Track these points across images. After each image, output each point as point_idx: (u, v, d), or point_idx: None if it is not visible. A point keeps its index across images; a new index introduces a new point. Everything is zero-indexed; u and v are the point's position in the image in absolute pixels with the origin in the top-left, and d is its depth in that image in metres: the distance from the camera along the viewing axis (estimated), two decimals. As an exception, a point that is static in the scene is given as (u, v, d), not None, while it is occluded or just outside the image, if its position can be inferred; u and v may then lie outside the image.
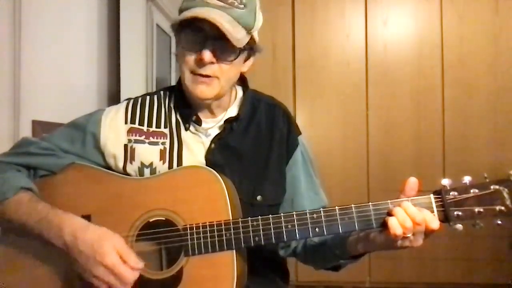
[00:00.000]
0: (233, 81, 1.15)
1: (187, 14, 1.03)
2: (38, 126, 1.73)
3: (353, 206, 0.96)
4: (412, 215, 0.91)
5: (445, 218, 0.93)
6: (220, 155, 1.14)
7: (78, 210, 1.07)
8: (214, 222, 1.00)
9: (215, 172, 1.04)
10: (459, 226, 0.92)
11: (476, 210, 0.91)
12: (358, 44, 3.37)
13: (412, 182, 0.96)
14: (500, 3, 3.23)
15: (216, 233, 1.00)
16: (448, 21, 3.29)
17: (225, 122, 1.17)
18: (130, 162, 1.14)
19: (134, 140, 1.15)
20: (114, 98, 2.35)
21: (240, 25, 1.05)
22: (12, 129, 1.62)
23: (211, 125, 1.17)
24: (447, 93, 3.29)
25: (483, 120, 3.24)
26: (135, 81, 2.59)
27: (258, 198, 1.14)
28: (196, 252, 1.00)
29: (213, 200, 1.02)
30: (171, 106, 1.20)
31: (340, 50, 3.39)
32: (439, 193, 0.94)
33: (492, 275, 3.10)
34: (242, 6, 1.05)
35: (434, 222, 0.92)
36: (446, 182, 0.93)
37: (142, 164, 1.13)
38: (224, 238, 0.99)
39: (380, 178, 3.27)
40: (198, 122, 1.16)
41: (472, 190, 0.92)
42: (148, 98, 1.21)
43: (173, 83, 1.22)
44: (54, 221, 1.01)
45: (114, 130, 1.16)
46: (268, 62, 3.37)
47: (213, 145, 1.15)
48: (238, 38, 1.04)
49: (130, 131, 1.16)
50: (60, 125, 1.22)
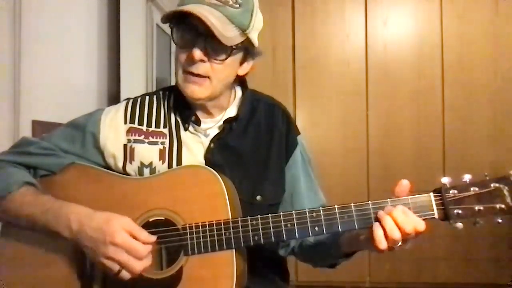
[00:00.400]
0: (226, 82, 1.12)
1: (177, 9, 1.03)
2: (38, 126, 1.73)
3: (352, 204, 0.96)
4: (402, 225, 0.90)
5: (445, 216, 0.93)
6: (219, 155, 1.13)
7: (78, 210, 1.08)
8: (214, 222, 1.00)
9: (215, 171, 1.03)
10: (459, 225, 0.92)
11: (476, 208, 0.91)
12: (358, 44, 3.38)
13: (404, 185, 0.96)
14: (500, 3, 3.23)
15: (215, 232, 1.00)
16: (448, 21, 3.29)
17: (224, 122, 1.16)
18: (130, 162, 1.14)
19: (134, 140, 1.15)
20: (114, 98, 2.35)
21: (232, 24, 1.03)
22: (12, 129, 1.62)
23: (210, 125, 1.17)
24: (447, 93, 3.29)
25: (483, 120, 3.24)
26: (135, 81, 2.59)
27: (258, 198, 1.14)
28: (195, 251, 1.00)
29: (212, 199, 1.02)
30: (170, 106, 1.19)
31: (340, 50, 3.39)
32: (439, 191, 0.93)
33: (492, 275, 3.09)
34: (237, 5, 1.04)
35: (420, 225, 0.91)
36: (446, 180, 0.93)
37: (142, 164, 1.13)
38: (223, 237, 0.99)
39: (380, 178, 3.27)
40: (197, 122, 1.16)
41: (472, 188, 0.92)
42: (147, 98, 1.21)
43: (173, 83, 1.21)
44: (60, 211, 1.01)
45: (113, 130, 1.16)
46: (268, 62, 3.37)
47: (212, 145, 1.14)
48: (227, 36, 1.02)
49: (129, 131, 1.16)
50: (60, 125, 1.22)
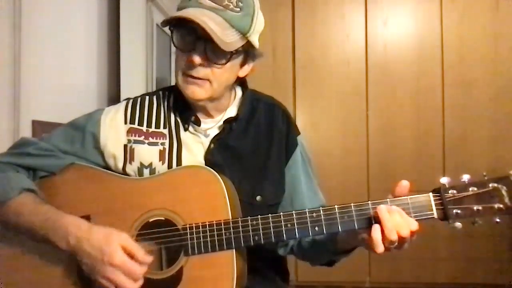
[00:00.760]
0: (226, 84, 1.12)
1: (177, 14, 1.02)
2: (38, 126, 1.73)
3: (352, 205, 0.96)
4: (398, 228, 0.91)
5: (444, 216, 0.93)
6: (219, 155, 1.13)
7: (78, 211, 1.07)
8: (214, 222, 1.00)
9: (215, 172, 1.03)
10: (458, 225, 0.92)
11: (475, 208, 0.91)
12: (358, 44, 3.38)
13: (403, 185, 0.96)
14: (500, 3, 3.23)
15: (215, 232, 1.00)
16: (448, 21, 3.29)
17: (224, 122, 1.16)
18: (130, 163, 1.14)
19: (134, 140, 1.15)
20: (114, 98, 2.35)
21: (233, 28, 1.02)
22: (12, 129, 1.62)
23: (210, 125, 1.17)
24: (447, 93, 3.29)
25: (483, 120, 3.24)
26: (135, 81, 2.59)
27: (258, 198, 1.13)
28: (196, 251, 1.00)
29: (212, 200, 1.02)
30: (170, 106, 1.19)
31: (340, 50, 3.39)
32: (438, 191, 0.94)
33: (492, 275, 3.09)
34: (238, 9, 1.03)
35: (413, 225, 0.92)
36: (445, 180, 0.93)
37: (142, 164, 1.13)
38: (223, 237, 0.99)
39: (380, 178, 3.27)
40: (197, 122, 1.15)
41: (471, 188, 0.92)
42: (147, 98, 1.21)
43: (173, 83, 1.21)
44: (58, 223, 1.01)
45: (114, 130, 1.16)
46: (268, 63, 3.37)
47: (212, 145, 1.14)
48: (227, 42, 1.01)
49: (129, 131, 1.16)
50: (60, 125, 1.22)
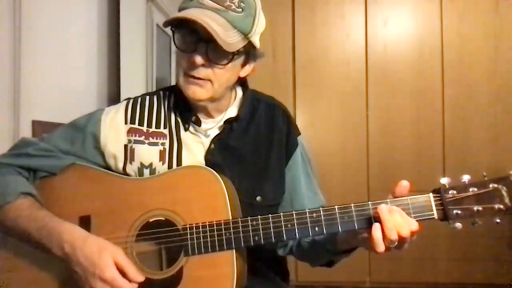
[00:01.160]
0: (227, 85, 1.12)
1: (179, 15, 1.02)
2: (38, 126, 1.73)
3: (352, 205, 0.96)
4: (399, 228, 0.91)
5: (444, 216, 0.93)
6: (219, 156, 1.13)
7: (78, 211, 1.08)
8: (214, 222, 1.00)
9: (215, 172, 1.03)
10: (458, 225, 0.92)
11: (475, 208, 0.91)
12: (358, 44, 3.38)
13: (403, 186, 0.96)
14: (500, 3, 3.23)
15: (216, 232, 1.00)
16: (448, 21, 3.29)
17: (225, 122, 1.16)
18: (130, 163, 1.14)
19: (134, 140, 1.15)
20: (114, 98, 2.35)
21: (234, 28, 1.03)
22: (12, 129, 1.62)
23: (211, 125, 1.17)
24: (447, 93, 3.29)
25: (483, 120, 3.24)
26: (135, 81, 2.59)
27: (258, 198, 1.14)
28: (196, 252, 1.00)
29: (212, 200, 1.02)
30: (171, 106, 1.19)
31: (340, 50, 3.39)
32: (438, 191, 0.94)
33: (492, 275, 3.09)
34: (240, 10, 1.03)
35: (413, 225, 0.92)
36: (445, 181, 0.93)
37: (142, 164, 1.13)
38: (223, 237, 0.99)
39: (380, 178, 3.27)
40: (198, 122, 1.15)
41: (471, 189, 0.92)
42: (147, 98, 1.21)
43: (173, 83, 1.21)
44: (54, 230, 1.01)
45: (114, 130, 1.16)
46: (268, 63, 3.37)
47: (212, 145, 1.14)
48: (229, 42, 1.01)
49: (130, 131, 1.16)
50: (60, 125, 1.22)
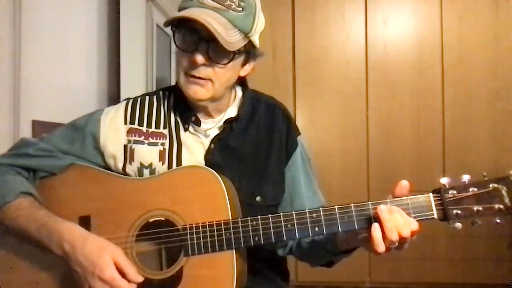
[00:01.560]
0: (228, 84, 1.12)
1: (180, 14, 1.02)
2: (38, 126, 1.73)
3: (352, 205, 0.96)
4: (399, 228, 0.90)
5: (444, 216, 0.93)
6: (219, 156, 1.13)
7: (78, 211, 1.08)
8: (214, 222, 1.00)
9: (215, 172, 1.03)
10: (458, 225, 0.92)
11: (475, 208, 0.91)
12: (358, 44, 3.38)
13: (403, 186, 0.96)
14: (500, 3, 3.23)
15: (216, 233, 1.00)
16: (448, 21, 3.29)
17: (224, 122, 1.16)
18: (130, 163, 1.14)
19: (134, 140, 1.15)
20: (114, 98, 2.34)
21: (235, 28, 1.03)
22: (12, 129, 1.62)
23: (211, 125, 1.17)
24: (447, 93, 3.29)
25: (483, 120, 3.24)
26: (135, 81, 2.59)
27: (258, 198, 1.14)
28: (196, 252, 1.00)
29: (212, 200, 1.02)
30: (170, 106, 1.19)
31: (340, 50, 3.39)
32: (438, 191, 0.94)
33: (492, 275, 3.10)
34: (240, 9, 1.03)
35: (414, 225, 0.92)
36: (445, 180, 0.93)
37: (142, 164, 1.13)
38: (223, 238, 0.99)
39: (380, 178, 3.27)
40: (197, 122, 1.15)
41: (471, 189, 0.92)
42: (147, 98, 1.21)
43: (173, 83, 1.21)
44: (54, 229, 1.01)
45: (113, 131, 1.16)
46: (268, 63, 3.37)
47: (212, 145, 1.14)
48: (230, 42, 1.02)
49: (129, 132, 1.16)
50: (60, 125, 1.22)
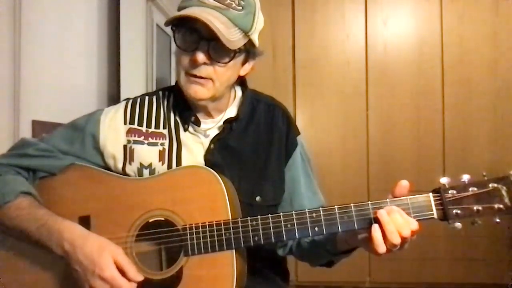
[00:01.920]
0: (228, 83, 1.12)
1: (181, 13, 1.02)
2: (38, 126, 1.73)
3: (352, 205, 0.96)
4: (400, 229, 0.90)
5: (444, 216, 0.93)
6: (219, 156, 1.13)
7: (78, 211, 1.08)
8: (214, 222, 1.00)
9: (215, 172, 1.03)
10: (458, 225, 0.92)
11: (474, 208, 0.91)
12: (358, 44, 3.38)
13: (403, 185, 0.96)
14: (500, 3, 3.23)
15: (215, 233, 1.00)
16: (448, 21, 3.29)
17: (224, 122, 1.16)
18: (129, 163, 1.14)
19: (133, 140, 1.15)
20: (114, 98, 2.34)
21: (236, 26, 1.03)
22: (12, 129, 1.62)
23: (210, 125, 1.17)
24: (447, 93, 3.29)
25: (483, 120, 3.24)
26: (135, 81, 2.59)
27: (257, 198, 1.14)
28: (195, 252, 1.00)
29: (212, 200, 1.02)
30: (170, 106, 1.19)
31: (340, 50, 3.39)
32: (438, 191, 0.93)
33: (492, 275, 3.09)
34: (240, 8, 1.04)
35: (414, 225, 0.91)
36: (444, 180, 0.93)
37: (141, 164, 1.13)
38: (223, 238, 0.99)
39: (380, 178, 3.27)
40: (197, 122, 1.15)
41: (470, 189, 0.92)
42: (147, 98, 1.21)
43: (173, 83, 1.21)
44: (54, 228, 1.01)
45: (113, 131, 1.16)
46: (268, 62, 3.37)
47: (212, 145, 1.14)
48: (231, 40, 1.02)
49: (129, 132, 1.16)
50: (60, 125, 1.22)
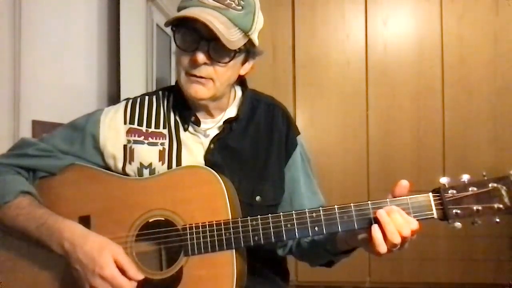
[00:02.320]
0: (229, 83, 1.12)
1: (181, 14, 1.02)
2: (38, 126, 1.73)
3: (352, 205, 0.96)
4: (400, 228, 0.90)
5: (444, 216, 0.93)
6: (219, 156, 1.13)
7: (78, 211, 1.08)
8: (214, 222, 1.00)
9: (215, 172, 1.03)
10: (458, 224, 0.92)
11: (474, 208, 0.91)
12: (358, 44, 3.38)
13: (403, 185, 0.96)
14: (500, 3, 3.24)
15: (215, 232, 1.00)
16: (448, 21, 3.29)
17: (224, 122, 1.16)
18: (129, 163, 1.14)
19: (133, 140, 1.15)
20: (114, 98, 2.34)
21: (235, 26, 1.03)
22: (12, 129, 1.62)
23: (210, 125, 1.17)
24: (447, 93, 3.29)
25: (483, 120, 3.24)
26: (135, 81, 2.59)
27: (257, 198, 1.14)
28: (195, 252, 1.00)
29: (212, 200, 1.02)
30: (170, 106, 1.19)
31: (340, 50, 3.39)
32: (438, 191, 0.93)
33: (492, 275, 3.10)
34: (240, 7, 1.04)
35: (414, 225, 0.91)
36: (444, 180, 0.93)
37: (141, 164, 1.13)
38: (223, 237, 0.99)
39: (380, 178, 3.27)
40: (197, 123, 1.15)
41: (470, 188, 0.92)
42: (147, 98, 1.21)
43: (173, 83, 1.22)
44: (54, 227, 1.01)
45: (113, 131, 1.16)
46: (268, 62, 3.37)
47: (212, 145, 1.14)
48: (232, 40, 1.02)
49: (129, 132, 1.16)
50: (60, 125, 1.22)
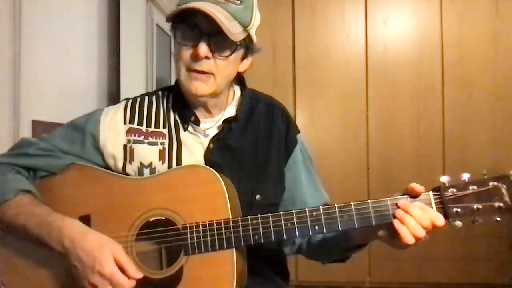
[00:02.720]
0: (229, 79, 1.13)
1: (184, 6, 1.03)
2: (38, 126, 1.73)
3: (352, 203, 0.96)
4: (420, 221, 0.91)
5: (444, 215, 0.93)
6: (219, 155, 1.13)
7: (78, 210, 1.08)
8: (214, 221, 1.00)
9: (215, 171, 1.03)
10: (458, 223, 0.92)
11: (475, 206, 0.91)
12: (358, 44, 3.38)
13: (417, 190, 0.95)
14: (500, 3, 3.23)
15: (216, 232, 1.00)
16: (448, 21, 3.29)
17: (223, 122, 1.16)
18: (130, 162, 1.14)
19: (133, 140, 1.15)
20: (114, 98, 2.35)
21: (235, 20, 1.04)
22: (12, 129, 1.62)
23: (210, 125, 1.17)
24: (447, 93, 3.29)
25: (483, 120, 3.24)
26: (135, 81, 2.60)
27: (257, 197, 1.14)
28: (196, 251, 1.00)
29: (212, 199, 1.02)
30: (170, 106, 1.19)
31: (340, 50, 3.39)
32: (438, 190, 0.94)
33: (492, 275, 3.09)
34: (239, 2, 1.05)
35: (439, 220, 0.92)
36: (444, 179, 0.93)
37: (142, 164, 1.13)
38: (224, 237, 0.99)
39: (380, 178, 3.27)
40: (197, 122, 1.16)
41: (470, 187, 0.92)
42: (146, 98, 1.21)
43: (173, 83, 1.22)
44: (54, 225, 1.01)
45: (113, 130, 1.16)
46: (268, 62, 3.37)
47: (212, 145, 1.14)
48: (234, 33, 1.03)
49: (129, 131, 1.16)
50: (60, 125, 1.22)
